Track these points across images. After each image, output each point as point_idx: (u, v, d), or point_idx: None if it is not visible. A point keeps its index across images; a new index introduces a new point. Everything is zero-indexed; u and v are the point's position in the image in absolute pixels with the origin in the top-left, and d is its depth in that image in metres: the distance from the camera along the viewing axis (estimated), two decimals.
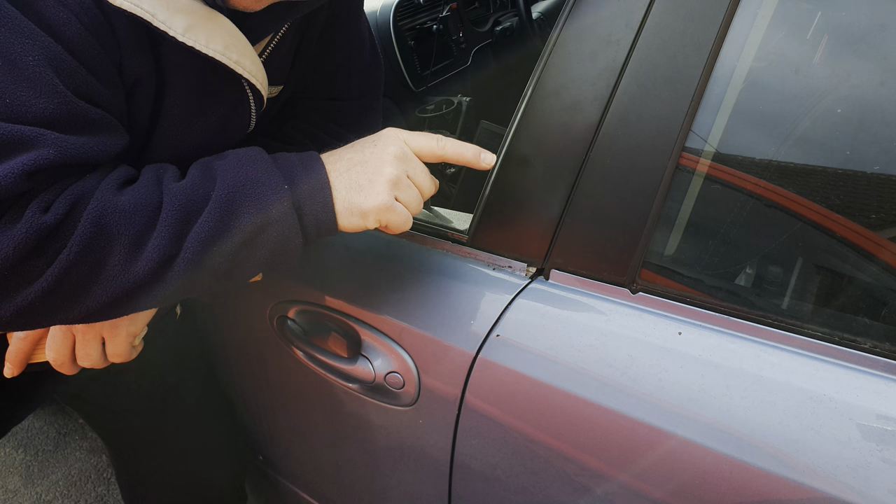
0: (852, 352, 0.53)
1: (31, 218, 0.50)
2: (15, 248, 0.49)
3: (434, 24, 1.59)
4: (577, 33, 0.67)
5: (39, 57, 0.50)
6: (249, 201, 0.58)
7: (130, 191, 0.55)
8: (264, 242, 0.59)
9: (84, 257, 0.52)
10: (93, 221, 0.52)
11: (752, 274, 0.59)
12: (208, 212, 0.56)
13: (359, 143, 0.65)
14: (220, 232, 0.57)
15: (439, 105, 1.55)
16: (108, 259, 0.53)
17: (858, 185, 0.55)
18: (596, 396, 0.59)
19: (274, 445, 1.11)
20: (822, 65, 0.57)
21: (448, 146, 0.66)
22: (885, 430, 0.48)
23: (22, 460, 1.79)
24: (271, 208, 0.58)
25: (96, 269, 0.53)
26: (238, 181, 0.58)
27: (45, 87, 0.50)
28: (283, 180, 0.59)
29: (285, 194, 0.59)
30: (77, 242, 0.52)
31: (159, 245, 0.54)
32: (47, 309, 0.53)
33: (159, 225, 0.55)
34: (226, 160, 0.61)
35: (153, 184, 0.57)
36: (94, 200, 0.53)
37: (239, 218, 0.57)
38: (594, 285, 0.65)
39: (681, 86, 0.60)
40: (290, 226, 0.59)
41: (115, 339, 0.72)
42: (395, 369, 0.73)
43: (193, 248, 0.56)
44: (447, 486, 0.76)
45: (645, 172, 0.61)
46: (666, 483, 0.56)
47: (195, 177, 0.59)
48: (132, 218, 0.54)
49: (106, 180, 0.55)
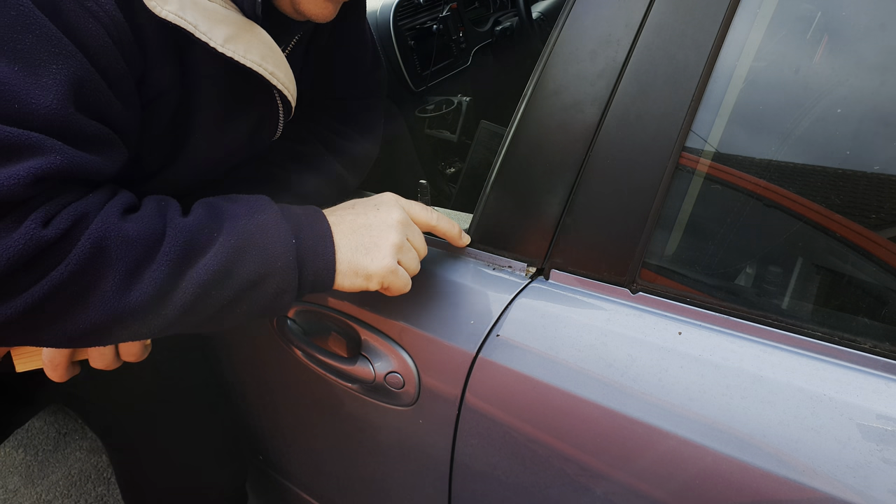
0: (852, 352, 0.53)
1: (30, 230, 0.48)
2: (8, 259, 0.47)
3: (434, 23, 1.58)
4: (577, 33, 0.67)
5: (62, 66, 0.49)
6: (256, 250, 0.57)
7: (134, 218, 0.54)
8: (261, 293, 0.58)
9: (77, 278, 0.50)
10: (93, 242, 0.51)
11: (752, 274, 0.59)
12: (213, 254, 0.55)
13: (360, 204, 0.66)
14: (221, 276, 0.56)
15: (439, 105, 1.55)
16: (101, 284, 0.51)
17: (858, 185, 0.55)
18: (596, 396, 0.59)
19: (274, 445, 1.11)
20: (822, 65, 0.57)
21: (441, 221, 0.69)
22: (885, 430, 0.48)
23: (22, 460, 1.79)
24: (276, 261, 0.58)
25: (86, 293, 0.51)
26: (247, 229, 0.58)
27: (58, 97, 0.49)
28: (291, 233, 0.59)
29: (291, 248, 0.59)
30: (73, 262, 0.50)
31: (156, 278, 0.53)
32: (24, 327, 0.51)
33: (159, 258, 0.53)
34: (235, 204, 0.60)
35: (156, 214, 0.56)
36: (98, 221, 0.51)
37: (243, 265, 0.57)
38: (594, 285, 0.65)
39: (681, 86, 0.60)
40: (290, 280, 0.59)
41: None
42: (395, 369, 0.73)
43: (192, 289, 0.55)
44: (447, 486, 0.76)
45: (645, 172, 0.61)
46: (666, 483, 0.56)
47: (201, 215, 0.58)
48: (133, 245, 0.52)
49: (111, 203, 0.54)
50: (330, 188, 0.82)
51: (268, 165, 0.78)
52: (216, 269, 0.55)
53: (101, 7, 0.51)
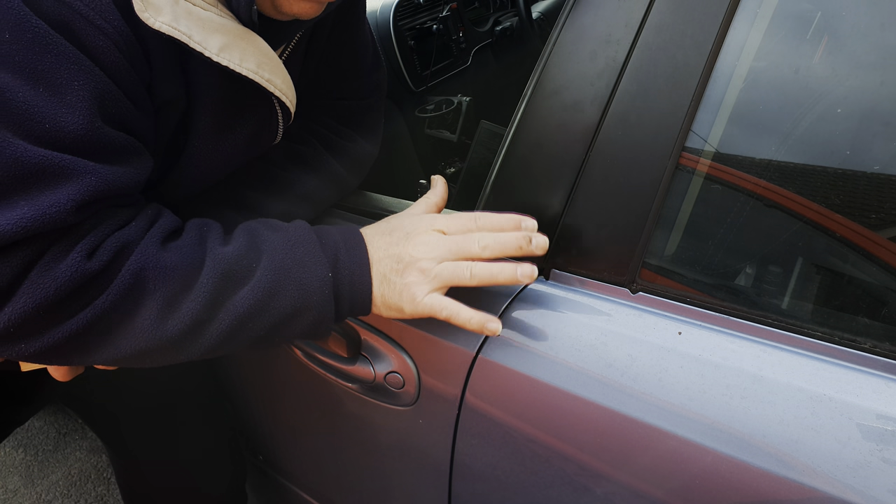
0: (852, 352, 0.53)
1: (76, 262, 0.50)
2: (57, 290, 0.49)
3: (434, 23, 1.58)
4: (577, 33, 0.67)
5: (83, 83, 0.50)
6: (293, 285, 0.58)
7: (174, 247, 0.56)
8: (298, 324, 0.60)
9: (118, 307, 0.53)
10: (133, 273, 0.53)
11: (752, 274, 0.59)
12: (251, 288, 0.57)
13: (397, 230, 0.64)
14: (258, 310, 0.57)
15: (439, 105, 1.55)
16: (141, 313, 0.54)
17: (858, 185, 0.55)
18: (596, 396, 0.59)
19: (274, 445, 1.11)
20: (822, 65, 0.57)
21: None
22: (885, 430, 0.48)
23: (22, 460, 1.79)
24: (313, 296, 0.59)
25: (127, 321, 0.53)
26: (285, 263, 0.59)
27: (85, 114, 0.50)
28: (328, 266, 0.60)
29: (328, 283, 0.60)
30: (115, 292, 0.52)
31: (193, 309, 0.55)
32: (70, 349, 0.53)
33: (197, 288, 0.55)
34: (275, 234, 0.61)
35: (196, 243, 0.58)
36: (138, 252, 0.54)
37: (280, 300, 0.58)
38: (594, 285, 0.65)
39: (681, 86, 0.60)
40: (327, 313, 0.60)
41: None
42: (395, 369, 0.73)
43: (228, 321, 0.56)
44: (447, 486, 0.76)
45: (645, 172, 0.61)
46: (666, 483, 0.56)
47: (240, 245, 0.59)
48: (171, 276, 0.54)
49: (151, 232, 0.56)
50: (330, 189, 0.82)
51: (268, 165, 0.78)
52: (252, 304, 0.57)
53: (110, 23, 0.52)
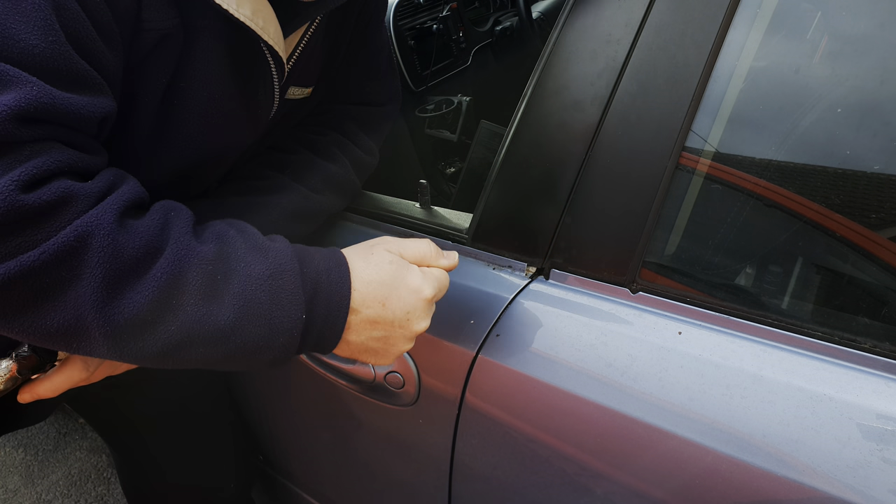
0: (852, 352, 0.53)
1: (6, 188, 0.42)
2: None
3: (434, 23, 1.58)
4: (577, 33, 0.67)
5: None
6: (262, 324, 0.52)
7: (132, 226, 0.48)
8: (254, 361, 0.54)
9: (50, 270, 0.44)
10: (78, 235, 0.44)
11: (752, 273, 0.59)
12: (214, 313, 0.50)
13: (388, 278, 0.59)
14: (217, 338, 0.51)
15: (439, 105, 1.55)
16: (75, 287, 0.45)
17: (858, 185, 0.55)
18: (596, 396, 0.59)
19: (274, 445, 1.11)
20: (821, 65, 0.57)
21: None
22: (885, 429, 0.48)
23: (22, 460, 1.79)
24: (279, 337, 0.53)
25: (58, 291, 0.45)
26: (259, 297, 0.52)
27: (41, 25, 0.44)
28: (304, 307, 0.54)
29: (299, 325, 0.54)
30: (52, 251, 0.44)
31: (137, 302, 0.47)
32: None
33: (147, 279, 0.48)
34: (253, 255, 0.54)
35: (159, 228, 0.50)
36: (91, 215, 0.46)
37: (243, 335, 0.52)
38: (594, 285, 0.65)
39: (681, 86, 0.60)
40: (288, 354, 0.55)
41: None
42: (395, 369, 0.73)
43: (178, 334, 0.49)
44: (447, 486, 0.76)
45: (645, 172, 0.61)
46: (666, 483, 0.56)
47: (210, 250, 0.51)
48: (120, 255, 0.46)
49: (110, 198, 0.48)
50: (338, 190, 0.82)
51: (281, 153, 0.79)
52: (212, 330, 0.50)
53: None
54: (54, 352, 0.59)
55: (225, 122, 0.68)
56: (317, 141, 0.82)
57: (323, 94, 0.85)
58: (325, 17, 0.74)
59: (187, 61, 0.60)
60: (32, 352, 0.57)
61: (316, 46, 0.76)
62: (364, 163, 0.87)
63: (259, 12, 0.60)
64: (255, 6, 0.60)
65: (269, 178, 0.76)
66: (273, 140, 0.82)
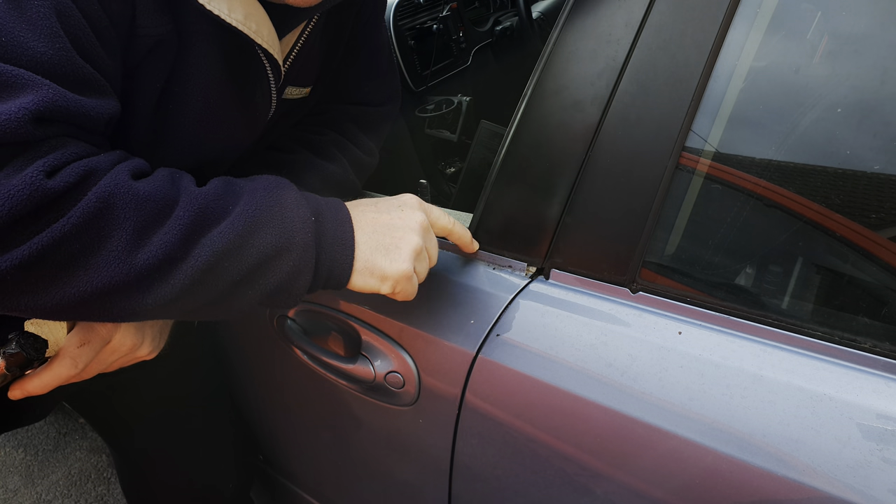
0: (852, 352, 0.53)
1: (33, 178, 0.45)
2: (11, 208, 0.44)
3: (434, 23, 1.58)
4: (577, 33, 0.67)
5: (46, 1, 0.47)
6: (274, 222, 0.56)
7: (146, 181, 0.52)
8: (276, 270, 0.56)
9: (80, 235, 0.47)
10: (100, 197, 0.48)
11: (752, 273, 0.59)
12: (229, 223, 0.54)
13: (383, 202, 0.64)
14: (236, 246, 0.53)
15: (439, 105, 1.55)
16: (106, 244, 0.48)
17: (858, 185, 0.55)
18: (596, 396, 0.59)
19: (274, 445, 1.11)
20: (821, 65, 0.57)
21: (457, 226, 0.69)
22: (885, 429, 0.48)
23: (22, 460, 1.79)
24: (294, 235, 0.56)
25: (89, 253, 0.48)
26: (265, 202, 0.56)
27: (47, 32, 0.47)
28: (310, 211, 0.58)
29: (310, 225, 0.57)
30: (78, 215, 0.47)
31: (166, 242, 0.50)
32: (18, 285, 0.47)
33: (171, 222, 0.51)
34: (254, 181, 0.59)
35: (168, 181, 0.54)
36: (108, 178, 0.49)
37: (260, 236, 0.55)
38: (594, 285, 0.65)
39: (681, 86, 0.60)
40: (307, 260, 0.57)
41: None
42: (395, 369, 0.73)
43: (204, 257, 0.52)
44: (447, 486, 0.76)
45: (645, 172, 0.61)
46: (666, 483, 0.56)
47: (217, 187, 0.56)
48: (143, 206, 0.50)
49: (122, 164, 0.52)
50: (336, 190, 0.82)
51: (279, 153, 0.79)
52: (231, 239, 0.53)
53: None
54: (42, 349, 0.59)
55: (222, 125, 0.68)
56: (315, 141, 0.82)
57: (322, 94, 0.85)
58: (322, 16, 0.74)
59: (182, 66, 0.61)
60: (20, 349, 0.57)
61: (313, 46, 0.75)
62: (363, 163, 0.87)
63: (251, 16, 0.61)
64: (248, 10, 0.60)
65: None
66: (271, 140, 0.82)
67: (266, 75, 0.69)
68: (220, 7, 0.57)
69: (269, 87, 0.70)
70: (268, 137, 0.81)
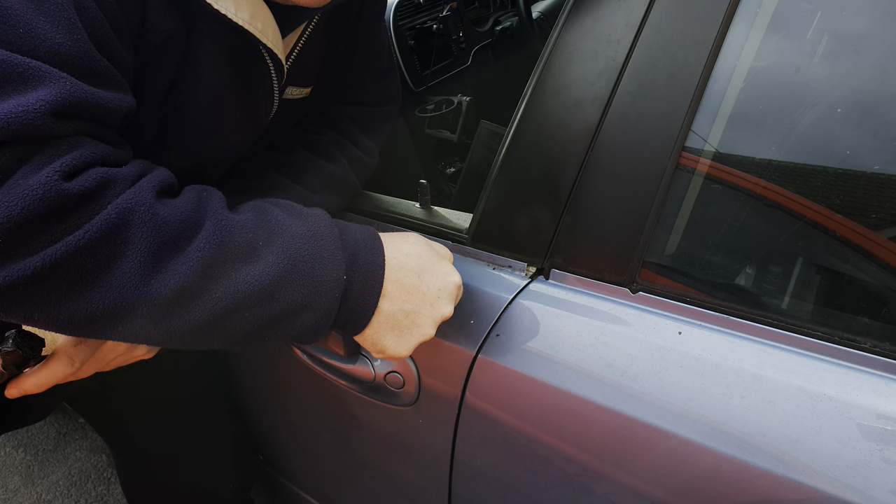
0: (852, 352, 0.53)
1: (50, 178, 0.43)
2: (24, 209, 0.42)
3: (434, 23, 1.58)
4: (577, 33, 0.67)
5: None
6: (306, 280, 0.53)
7: (169, 203, 0.50)
8: (295, 324, 0.54)
9: (95, 250, 0.45)
10: (120, 212, 0.46)
11: (752, 273, 0.59)
12: (261, 271, 0.50)
13: (427, 273, 0.60)
14: (262, 297, 0.51)
15: (439, 105, 1.55)
16: (120, 264, 0.46)
17: (858, 185, 0.55)
18: (596, 396, 0.59)
19: (274, 445, 1.11)
20: (821, 64, 0.57)
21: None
22: (885, 429, 0.48)
23: (22, 460, 1.79)
24: (322, 297, 0.54)
25: (103, 270, 0.46)
26: (301, 254, 0.53)
27: (65, 24, 0.46)
28: (344, 268, 0.55)
29: (340, 286, 0.55)
30: (95, 229, 0.45)
31: (183, 273, 0.48)
32: (33, 293, 0.45)
33: (190, 250, 0.48)
34: (293, 218, 0.55)
35: (195, 204, 0.51)
36: (130, 192, 0.47)
37: (287, 292, 0.52)
38: (594, 285, 0.65)
39: (681, 86, 0.60)
40: (329, 317, 0.55)
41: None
42: (395, 369, 0.73)
43: (225, 300, 0.49)
44: (447, 486, 0.76)
45: (645, 172, 0.61)
46: (666, 482, 0.56)
47: (247, 219, 0.53)
48: (163, 229, 0.47)
49: (145, 179, 0.49)
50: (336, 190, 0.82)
51: (279, 153, 0.79)
52: (258, 288, 0.50)
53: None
54: (39, 347, 0.59)
55: (225, 125, 0.68)
56: (315, 141, 0.82)
57: (322, 95, 0.85)
58: (322, 16, 0.74)
59: (189, 64, 0.61)
60: (16, 347, 0.57)
61: (314, 46, 0.76)
62: (363, 163, 0.87)
63: (257, 15, 0.61)
64: (254, 9, 0.60)
65: (266, 177, 0.76)
66: (271, 140, 0.82)
67: (269, 75, 0.69)
68: (226, 6, 0.57)
69: (272, 87, 0.70)
70: (267, 138, 0.81)
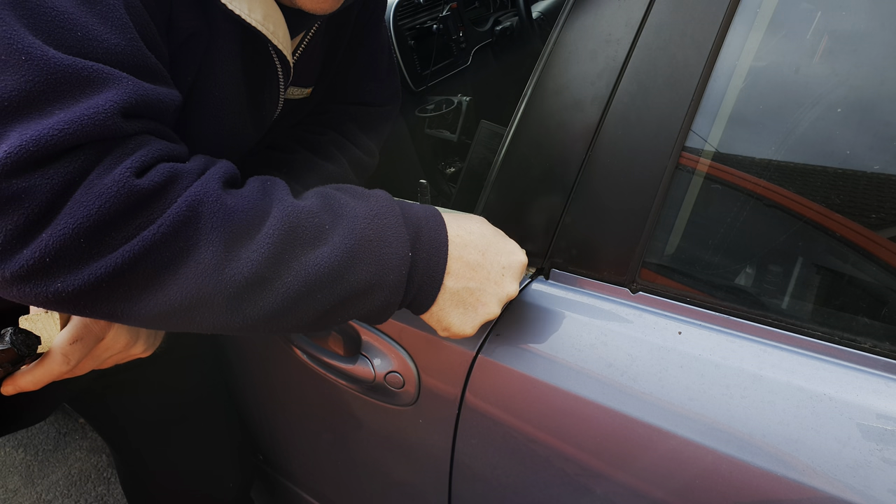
0: (852, 352, 0.53)
1: (123, 177, 0.44)
2: (100, 208, 0.44)
3: (434, 23, 1.58)
4: (577, 33, 0.67)
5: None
6: (372, 259, 0.54)
7: (235, 193, 0.51)
8: (364, 304, 0.55)
9: (170, 243, 0.46)
10: (190, 205, 0.47)
11: (752, 273, 0.59)
12: (329, 252, 0.52)
13: (491, 250, 0.61)
14: (332, 278, 0.52)
15: (439, 105, 1.55)
16: (194, 255, 0.47)
17: (858, 185, 0.55)
18: (596, 396, 0.59)
19: (274, 445, 1.11)
20: (821, 64, 0.57)
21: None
22: (885, 429, 0.48)
23: (22, 460, 1.79)
24: (389, 274, 0.54)
25: (179, 262, 0.47)
26: (366, 234, 0.54)
27: (118, 24, 0.47)
28: (409, 245, 0.56)
29: (406, 263, 0.55)
30: (168, 223, 0.46)
31: (254, 261, 0.49)
32: (113, 290, 0.46)
33: (260, 238, 0.49)
34: (356, 200, 0.56)
35: (260, 193, 0.52)
36: (198, 185, 0.48)
37: (356, 272, 0.53)
38: (594, 285, 0.65)
39: (681, 86, 0.60)
40: (398, 295, 0.56)
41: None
42: (395, 369, 0.73)
43: (297, 283, 0.50)
44: (447, 486, 0.76)
45: (645, 172, 0.61)
46: (666, 483, 0.56)
47: (313, 204, 0.54)
48: (231, 219, 0.48)
49: (211, 170, 0.51)
50: None
51: (279, 152, 0.79)
52: (327, 269, 0.51)
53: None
54: (34, 345, 0.59)
55: (233, 124, 0.68)
56: (315, 140, 0.82)
57: (322, 95, 0.85)
58: (325, 18, 0.75)
59: (208, 62, 0.62)
60: (11, 345, 0.57)
61: (315, 47, 0.76)
62: (363, 163, 0.87)
63: (270, 17, 0.62)
64: (266, 11, 0.61)
65: None
66: (271, 140, 0.82)
67: (276, 75, 0.70)
68: (240, 7, 0.58)
69: (279, 86, 0.71)
70: (267, 138, 0.81)
